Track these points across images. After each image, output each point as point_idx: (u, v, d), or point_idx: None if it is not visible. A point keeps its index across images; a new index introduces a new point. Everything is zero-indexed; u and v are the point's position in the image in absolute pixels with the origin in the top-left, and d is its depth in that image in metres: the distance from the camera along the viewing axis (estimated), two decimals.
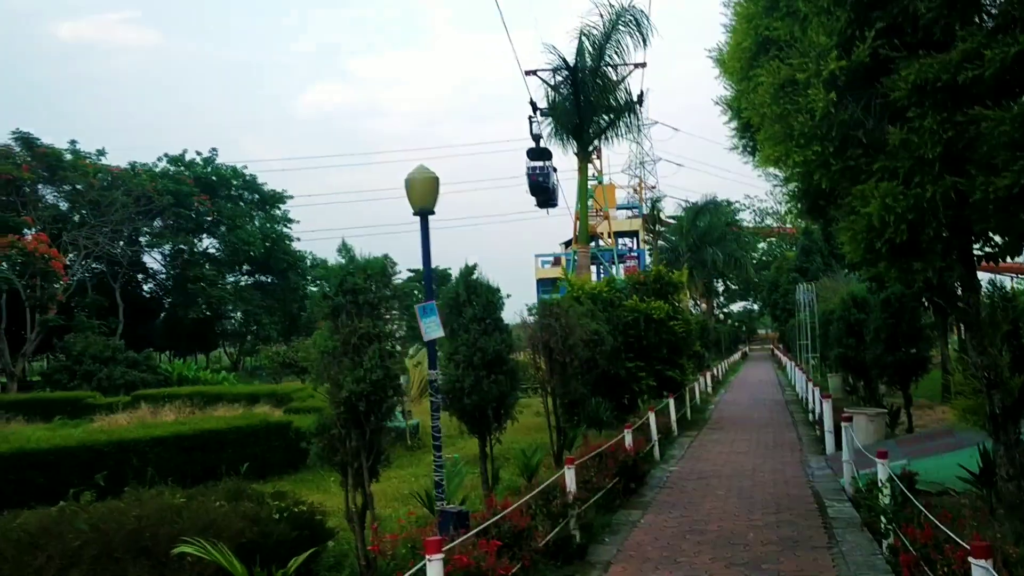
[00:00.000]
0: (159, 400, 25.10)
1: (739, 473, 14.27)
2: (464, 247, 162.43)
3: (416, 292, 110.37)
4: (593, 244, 59.08)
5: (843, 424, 12.67)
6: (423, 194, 7.77)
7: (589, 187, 55.15)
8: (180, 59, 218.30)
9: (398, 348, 7.67)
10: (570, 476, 9.73)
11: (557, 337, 14.34)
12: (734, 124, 10.47)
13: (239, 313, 68.99)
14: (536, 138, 32.42)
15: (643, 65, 36.75)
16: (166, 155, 66.24)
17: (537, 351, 14.34)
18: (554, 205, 37.58)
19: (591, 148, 31.17)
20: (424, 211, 7.85)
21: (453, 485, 9.47)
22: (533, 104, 30.36)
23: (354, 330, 7.33)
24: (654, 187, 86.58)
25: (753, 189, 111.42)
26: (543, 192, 35.43)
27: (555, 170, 35.71)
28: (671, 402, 19.77)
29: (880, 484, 8.44)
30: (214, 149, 71.04)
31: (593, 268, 51.38)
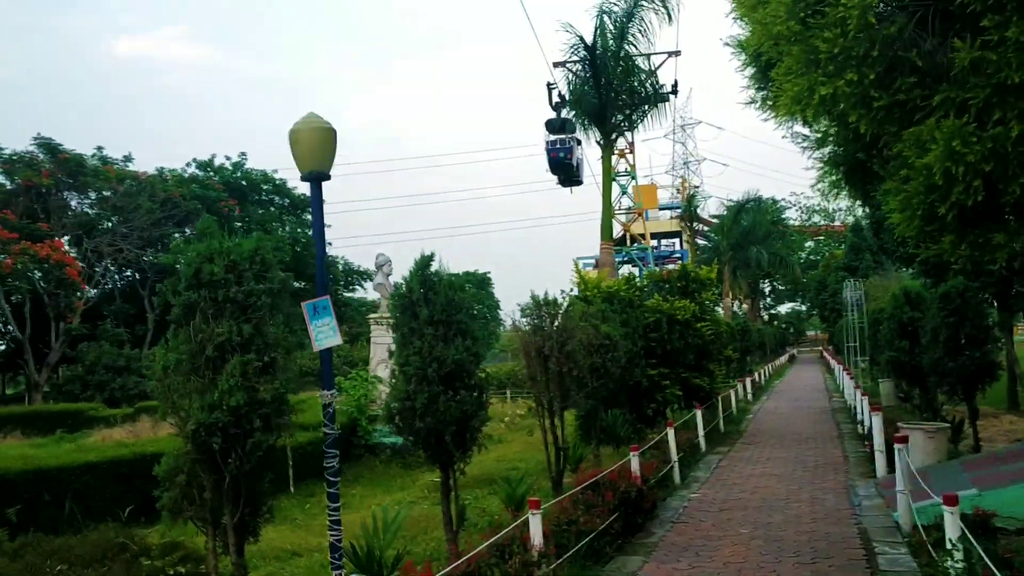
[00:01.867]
0: None
1: (770, 503, 11.99)
2: (516, 250, 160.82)
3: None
4: (635, 245, 56.75)
5: (897, 446, 10.33)
6: (314, 151, 5.72)
7: (626, 184, 53.51)
8: (228, 72, 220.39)
9: (279, 360, 5.61)
10: (536, 525, 7.59)
11: (552, 342, 12.24)
12: (750, 71, 8.24)
13: None
14: (557, 107, 29.36)
15: (677, 53, 34.49)
16: (195, 160, 65.31)
17: (529, 358, 12.26)
18: (579, 183, 34.15)
19: (616, 138, 28.95)
20: (316, 175, 5.80)
21: (388, 537, 7.39)
22: (559, 64, 27.96)
23: (209, 337, 5.30)
24: (698, 187, 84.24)
25: (801, 186, 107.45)
26: (565, 169, 31.99)
27: (579, 143, 31.78)
28: (699, 414, 17.50)
29: (950, 542, 6.18)
30: (243, 153, 70.06)
31: (635, 271, 49.08)
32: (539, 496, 11.77)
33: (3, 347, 52.68)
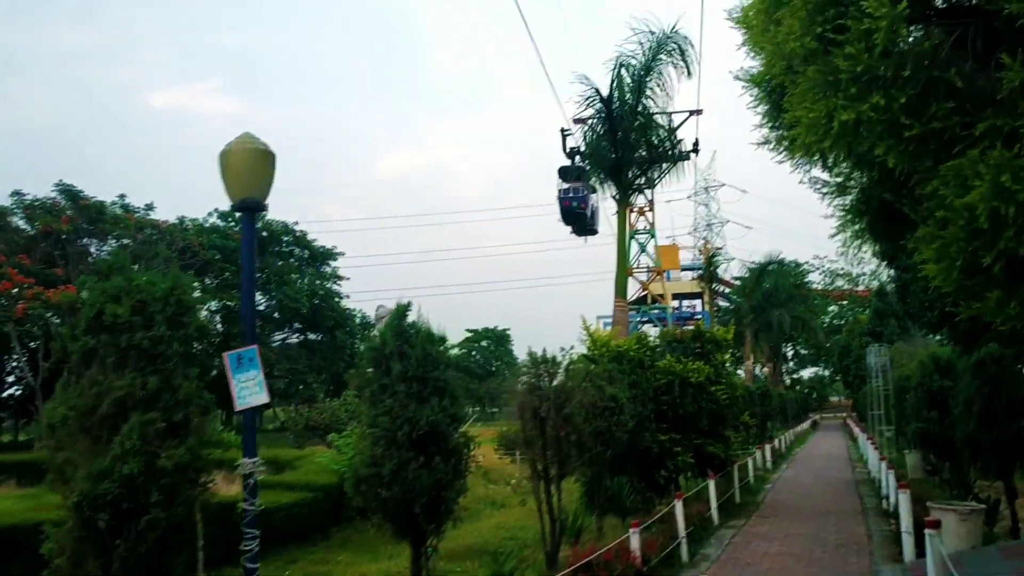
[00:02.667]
0: None
1: None
2: (537, 307, 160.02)
3: (475, 353, 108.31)
4: (655, 305, 55.79)
5: (928, 532, 9.21)
6: (248, 177, 4.92)
7: (645, 242, 52.74)
8: (257, 125, 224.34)
9: (193, 420, 4.73)
10: None
11: (550, 403, 11.30)
12: (763, 108, 7.39)
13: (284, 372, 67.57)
14: (572, 155, 27.96)
15: (698, 112, 33.95)
16: (216, 210, 65.63)
17: (524, 420, 11.31)
18: (593, 232, 32.82)
19: (633, 193, 28.12)
20: (250, 204, 4.98)
21: None
22: (580, 121, 26.61)
23: (106, 390, 4.44)
24: (720, 249, 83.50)
25: (824, 248, 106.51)
26: (578, 219, 30.37)
27: (594, 191, 30.04)
28: (711, 485, 16.36)
29: None
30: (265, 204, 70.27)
31: (654, 331, 48.05)
32: (530, 574, 10.74)
33: (19, 392, 52.42)
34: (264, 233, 66.12)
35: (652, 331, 47.62)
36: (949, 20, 4.74)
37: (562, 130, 27.65)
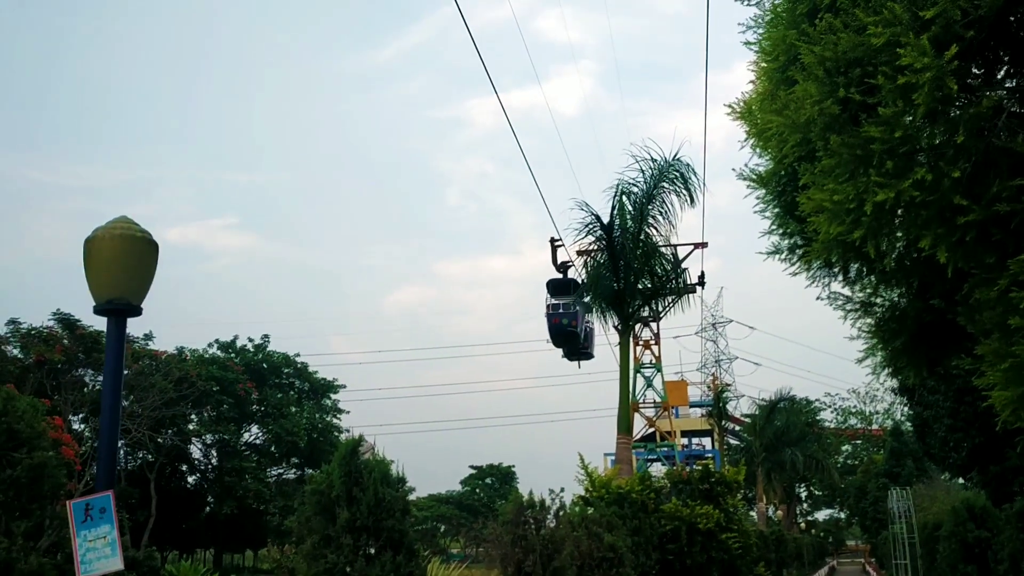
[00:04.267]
0: None
1: None
2: (544, 443, 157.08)
3: (478, 491, 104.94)
4: (663, 443, 54.04)
5: None
6: (117, 270, 3.84)
7: (651, 377, 51.41)
8: (274, 262, 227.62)
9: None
10: None
11: (536, 555, 9.89)
12: (771, 211, 6.36)
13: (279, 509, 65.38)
14: (562, 267, 25.07)
15: (704, 244, 33.76)
16: (217, 340, 65.25)
17: None
18: (588, 356, 29.69)
19: (636, 324, 27.08)
20: (119, 307, 3.89)
21: None
22: (584, 253, 25.62)
23: None
24: (729, 385, 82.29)
25: (836, 387, 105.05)
26: (569, 338, 26.83)
27: (589, 310, 26.66)
28: None
29: None
30: (266, 336, 69.82)
31: (662, 469, 46.22)
32: None
33: None
34: (264, 364, 65.43)
35: (659, 469, 45.77)
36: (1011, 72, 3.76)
37: (552, 240, 24.72)
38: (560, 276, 25.69)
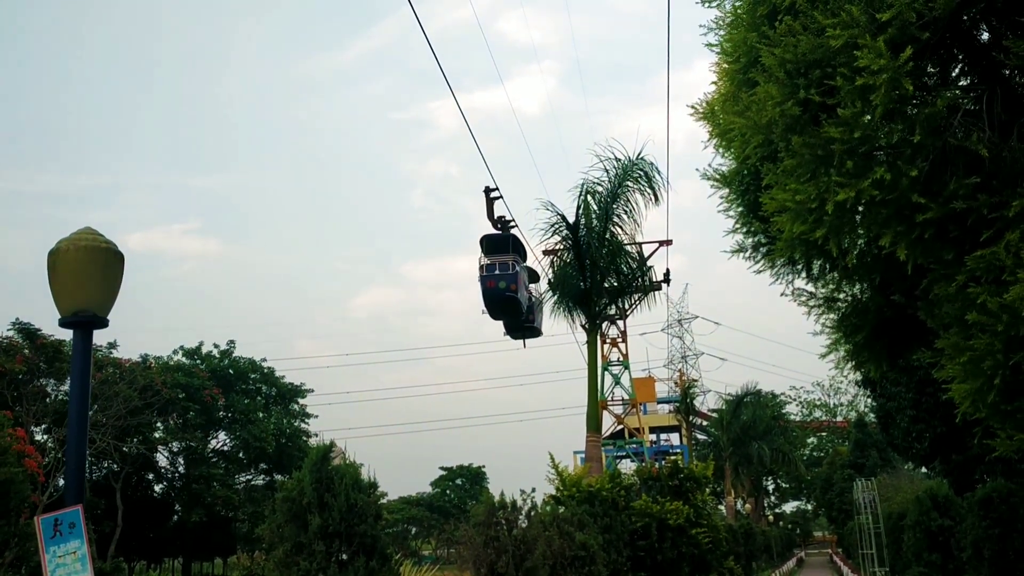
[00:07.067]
0: None
1: None
2: (515, 443, 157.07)
3: (449, 492, 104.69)
4: (632, 439, 54.28)
5: None
6: (82, 281, 3.81)
7: (619, 374, 51.64)
8: (238, 266, 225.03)
9: None
10: None
11: (508, 556, 9.91)
12: (735, 210, 6.44)
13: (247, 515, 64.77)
14: (499, 222, 20.62)
15: (668, 242, 34.11)
16: (182, 347, 64.44)
17: None
18: (535, 332, 24.79)
19: (603, 322, 27.19)
20: (85, 319, 3.86)
21: None
22: (550, 253, 22.94)
23: None
24: (696, 381, 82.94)
25: (801, 380, 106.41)
26: (509, 307, 21.66)
27: (531, 274, 22.64)
28: None
29: None
30: (232, 341, 69.00)
31: (632, 466, 46.44)
32: None
33: None
34: (230, 370, 64.82)
35: (629, 466, 45.99)
36: (964, 85, 3.86)
37: (487, 189, 20.55)
38: (496, 231, 21.29)
